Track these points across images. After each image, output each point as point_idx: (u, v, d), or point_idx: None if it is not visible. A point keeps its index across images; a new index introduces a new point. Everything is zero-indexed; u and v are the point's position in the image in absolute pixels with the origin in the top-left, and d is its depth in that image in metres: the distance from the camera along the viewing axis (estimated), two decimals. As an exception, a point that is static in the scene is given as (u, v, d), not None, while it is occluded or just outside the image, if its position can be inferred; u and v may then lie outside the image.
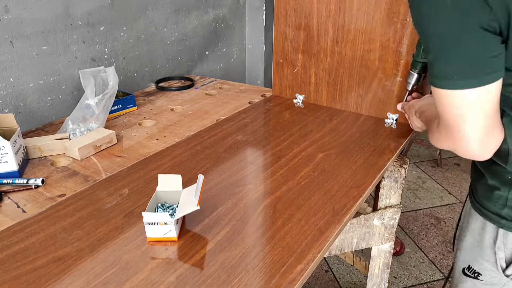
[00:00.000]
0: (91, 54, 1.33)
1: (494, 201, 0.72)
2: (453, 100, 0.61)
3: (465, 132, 0.62)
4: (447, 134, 0.66)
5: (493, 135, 0.64)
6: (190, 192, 0.73)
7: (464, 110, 0.61)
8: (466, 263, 0.82)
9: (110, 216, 0.76)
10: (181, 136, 1.11)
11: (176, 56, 1.68)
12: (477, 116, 0.61)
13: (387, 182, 1.06)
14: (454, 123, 0.63)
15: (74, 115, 1.11)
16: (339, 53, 1.20)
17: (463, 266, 0.82)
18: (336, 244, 1.07)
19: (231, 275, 0.62)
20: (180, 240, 0.70)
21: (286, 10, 1.25)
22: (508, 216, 0.71)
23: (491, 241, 0.75)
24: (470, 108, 0.61)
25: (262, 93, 1.46)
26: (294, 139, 1.07)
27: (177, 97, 1.43)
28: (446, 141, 0.68)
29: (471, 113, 0.61)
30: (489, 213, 0.74)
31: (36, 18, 1.15)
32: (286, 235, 0.71)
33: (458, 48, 0.59)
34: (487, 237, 0.75)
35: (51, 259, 0.66)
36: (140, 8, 1.47)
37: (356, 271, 1.80)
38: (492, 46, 0.58)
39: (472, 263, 0.80)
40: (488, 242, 0.75)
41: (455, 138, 0.64)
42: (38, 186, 0.87)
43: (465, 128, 0.62)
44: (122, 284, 0.61)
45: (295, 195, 0.83)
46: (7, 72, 1.12)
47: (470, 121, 0.61)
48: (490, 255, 0.75)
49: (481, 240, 0.77)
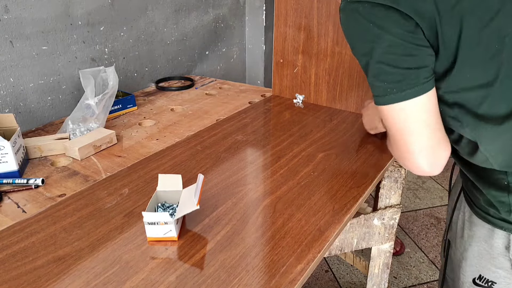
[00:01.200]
0: (91, 54, 1.33)
1: (499, 208, 0.71)
2: (394, 115, 0.65)
3: (410, 144, 0.65)
4: (398, 149, 0.69)
5: (440, 147, 0.66)
6: (190, 192, 0.73)
7: (406, 122, 0.64)
8: (477, 273, 0.80)
9: (110, 216, 0.76)
10: (181, 136, 1.11)
11: (176, 56, 1.68)
12: (419, 126, 0.64)
13: (387, 182, 1.07)
14: (401, 137, 0.66)
15: (74, 115, 1.11)
16: (339, 53, 1.20)
17: (473, 277, 0.80)
18: (336, 244, 1.07)
19: (231, 275, 0.62)
20: (180, 240, 0.70)
21: (286, 10, 1.25)
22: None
23: (503, 247, 0.73)
24: (411, 119, 0.63)
25: (262, 93, 1.46)
26: (294, 139, 1.07)
27: (177, 97, 1.43)
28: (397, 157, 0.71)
29: (413, 124, 0.64)
30: (496, 220, 0.72)
31: (36, 18, 1.15)
32: (286, 235, 0.71)
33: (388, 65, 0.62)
34: (496, 244, 0.74)
35: (51, 259, 0.66)
36: (140, 8, 1.47)
37: (356, 271, 1.80)
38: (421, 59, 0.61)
39: (483, 272, 0.78)
40: (499, 249, 0.74)
41: (404, 153, 0.67)
42: (38, 186, 0.87)
43: (410, 140, 0.65)
44: (122, 284, 0.61)
45: (295, 195, 0.83)
46: (7, 72, 1.12)
47: (414, 133, 0.64)
48: (503, 262, 0.74)
49: (490, 248, 0.75)
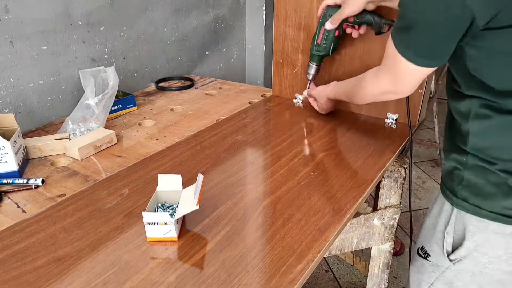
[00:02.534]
0: (91, 54, 1.33)
1: (453, 180, 0.77)
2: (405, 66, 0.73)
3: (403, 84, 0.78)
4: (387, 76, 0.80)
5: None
6: (190, 192, 0.73)
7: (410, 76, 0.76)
8: (421, 244, 0.88)
9: (110, 216, 0.76)
10: (181, 136, 1.11)
11: (176, 56, 1.68)
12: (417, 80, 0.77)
13: (387, 182, 1.07)
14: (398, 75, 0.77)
15: (74, 115, 1.11)
16: (339, 53, 1.20)
17: (418, 246, 0.88)
18: (336, 244, 1.07)
19: (231, 275, 0.62)
20: (180, 240, 0.70)
21: (286, 10, 1.25)
22: (460, 195, 0.75)
23: (443, 225, 0.79)
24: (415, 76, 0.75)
25: (262, 93, 1.46)
26: (294, 139, 1.07)
27: (177, 97, 1.43)
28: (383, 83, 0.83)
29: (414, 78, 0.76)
30: (447, 191, 0.78)
31: (36, 18, 1.15)
32: (286, 235, 0.71)
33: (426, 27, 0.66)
34: (441, 221, 0.80)
35: (51, 259, 0.66)
36: (140, 8, 1.47)
37: (356, 271, 1.80)
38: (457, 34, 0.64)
39: (424, 243, 0.86)
40: (440, 225, 0.80)
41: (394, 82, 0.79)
42: (38, 186, 0.87)
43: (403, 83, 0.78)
44: (122, 284, 0.61)
45: (295, 195, 0.83)
46: (7, 72, 1.12)
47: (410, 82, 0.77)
48: (440, 238, 0.80)
49: (436, 223, 0.82)
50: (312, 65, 1.17)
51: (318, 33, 1.11)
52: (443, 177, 0.81)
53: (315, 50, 1.13)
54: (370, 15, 1.02)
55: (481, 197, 0.72)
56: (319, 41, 1.11)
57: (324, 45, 1.11)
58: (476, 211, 0.73)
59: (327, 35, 1.09)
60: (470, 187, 0.73)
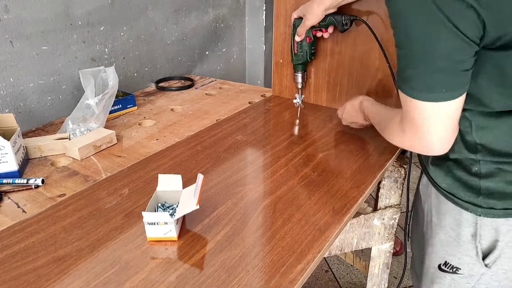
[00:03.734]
0: (91, 54, 1.33)
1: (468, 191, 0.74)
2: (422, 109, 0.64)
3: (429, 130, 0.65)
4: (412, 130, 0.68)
5: (454, 133, 0.67)
6: (190, 192, 0.73)
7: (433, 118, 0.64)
8: (442, 259, 0.83)
9: (110, 216, 0.76)
10: (181, 136, 1.11)
11: (176, 56, 1.68)
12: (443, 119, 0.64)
13: (387, 182, 1.07)
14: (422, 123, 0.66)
15: (74, 115, 1.11)
16: (339, 53, 1.20)
17: (439, 262, 0.84)
18: (336, 244, 1.07)
19: (231, 275, 0.62)
20: (180, 240, 0.70)
21: (286, 10, 1.25)
22: (485, 204, 0.72)
23: (470, 235, 0.76)
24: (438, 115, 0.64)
25: (262, 93, 1.46)
26: (294, 139, 1.07)
27: (177, 97, 1.43)
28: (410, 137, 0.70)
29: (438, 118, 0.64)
30: (465, 203, 0.75)
31: (36, 18, 1.15)
32: (286, 235, 0.71)
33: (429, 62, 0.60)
34: (464, 232, 0.77)
35: (51, 259, 0.66)
36: (140, 8, 1.47)
37: (356, 271, 1.80)
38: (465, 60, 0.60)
39: (448, 258, 0.82)
40: (465, 236, 0.77)
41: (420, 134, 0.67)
42: (38, 186, 0.87)
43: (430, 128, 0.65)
44: (122, 284, 0.61)
45: (295, 195, 0.83)
46: (7, 72, 1.12)
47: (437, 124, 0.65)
48: (470, 248, 0.77)
49: (458, 235, 0.78)
50: (298, 74, 1.24)
51: (292, 44, 1.19)
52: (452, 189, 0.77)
53: (295, 60, 1.21)
54: (331, 16, 1.08)
55: (506, 199, 0.70)
56: (295, 51, 1.19)
57: (300, 53, 1.19)
58: (507, 213, 0.71)
59: (300, 44, 1.17)
60: (492, 194, 0.72)
